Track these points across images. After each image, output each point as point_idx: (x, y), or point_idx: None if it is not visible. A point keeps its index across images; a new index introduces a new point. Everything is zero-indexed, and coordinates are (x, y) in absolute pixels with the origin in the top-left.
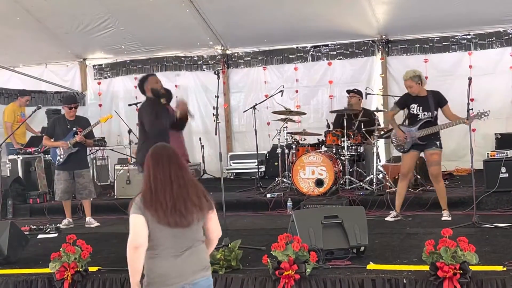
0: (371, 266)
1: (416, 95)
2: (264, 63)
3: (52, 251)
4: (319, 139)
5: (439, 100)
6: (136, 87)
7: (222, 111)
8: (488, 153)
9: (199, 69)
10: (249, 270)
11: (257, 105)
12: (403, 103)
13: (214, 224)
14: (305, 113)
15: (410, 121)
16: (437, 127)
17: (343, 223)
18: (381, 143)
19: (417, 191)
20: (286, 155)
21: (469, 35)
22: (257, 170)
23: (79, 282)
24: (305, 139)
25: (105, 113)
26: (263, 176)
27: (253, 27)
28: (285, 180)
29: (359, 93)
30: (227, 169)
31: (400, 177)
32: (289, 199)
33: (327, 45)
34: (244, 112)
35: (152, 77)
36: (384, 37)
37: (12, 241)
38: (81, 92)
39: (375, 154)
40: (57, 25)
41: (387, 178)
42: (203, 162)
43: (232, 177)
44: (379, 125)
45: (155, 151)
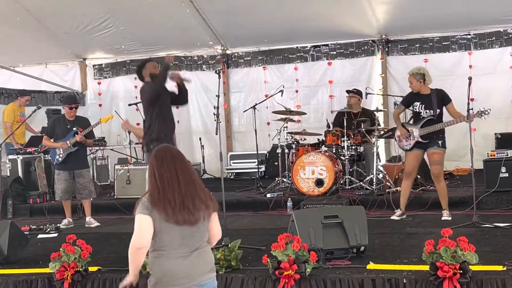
0: (371, 266)
1: (420, 94)
2: (264, 63)
3: (52, 251)
4: (319, 139)
5: (443, 98)
6: (136, 87)
7: (222, 111)
8: (488, 153)
9: (199, 69)
10: (249, 270)
11: (257, 105)
12: (407, 102)
13: (215, 224)
14: (305, 113)
15: (414, 119)
16: (438, 125)
17: (343, 223)
18: (381, 143)
19: (417, 190)
20: (286, 155)
21: (469, 35)
22: (257, 170)
23: (79, 282)
24: (305, 139)
25: (105, 113)
26: (263, 176)
27: (253, 27)
28: (285, 180)
29: (358, 93)
30: (227, 169)
31: (404, 176)
32: (289, 199)
33: (327, 45)
34: (244, 112)
35: (150, 62)
36: (384, 37)
37: (12, 241)
38: (81, 92)
39: (375, 154)
40: (57, 25)
41: (387, 178)
42: (203, 162)
43: (232, 177)
44: (379, 125)
45: (159, 152)
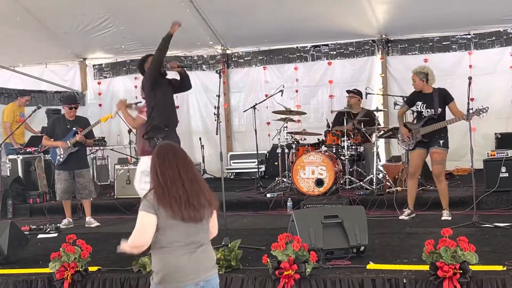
0: (371, 266)
1: (422, 93)
2: (264, 63)
3: (52, 251)
4: (319, 139)
5: (445, 97)
6: (136, 87)
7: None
8: (488, 153)
9: (199, 69)
10: (249, 270)
11: (257, 104)
12: (410, 101)
13: (215, 222)
14: (305, 113)
15: (416, 119)
16: (438, 124)
17: (343, 222)
18: (381, 142)
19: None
20: (286, 155)
21: (469, 34)
22: (257, 169)
23: (79, 282)
24: (305, 139)
25: (105, 113)
26: (263, 175)
27: (253, 27)
28: (285, 179)
29: (358, 93)
30: (227, 169)
31: (408, 176)
32: (289, 198)
33: (327, 45)
34: (244, 112)
35: (152, 57)
36: (384, 36)
37: (12, 241)
38: (81, 92)
39: (375, 153)
40: (57, 25)
41: (387, 177)
42: (203, 161)
43: (232, 177)
44: (379, 124)
45: (160, 149)
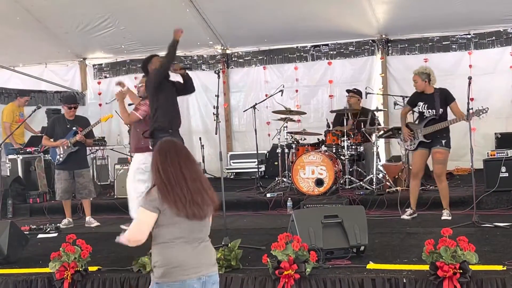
0: (371, 265)
1: (424, 93)
2: (264, 62)
3: (52, 250)
4: (319, 139)
5: (446, 97)
6: (136, 87)
7: (222, 110)
8: (488, 153)
9: (199, 69)
10: (249, 269)
11: (257, 104)
12: (412, 101)
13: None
14: (305, 113)
15: (418, 119)
16: (439, 125)
17: (343, 222)
18: (381, 142)
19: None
20: (286, 155)
21: (469, 34)
22: (257, 169)
23: (79, 281)
24: (305, 139)
25: (105, 112)
26: (263, 175)
27: (253, 26)
28: (285, 179)
29: (358, 93)
30: (227, 169)
31: (411, 176)
32: (289, 198)
33: (327, 45)
34: (244, 111)
35: (156, 57)
36: (384, 36)
37: (12, 240)
38: (81, 91)
39: (375, 153)
40: (57, 24)
41: (387, 177)
42: (203, 161)
43: (232, 177)
44: (379, 124)
45: (162, 146)
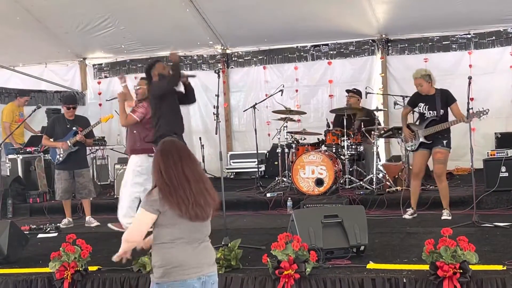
0: (371, 265)
1: (424, 94)
2: (264, 62)
3: (52, 250)
4: (319, 139)
5: (447, 98)
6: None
7: (222, 110)
8: (488, 153)
9: (199, 69)
10: (249, 269)
11: (257, 104)
12: (412, 102)
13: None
14: (305, 113)
15: (419, 120)
16: (440, 126)
17: (343, 222)
18: (381, 142)
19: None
20: (286, 155)
21: (469, 34)
22: (257, 169)
23: (79, 281)
24: (305, 139)
25: (105, 112)
26: (263, 175)
27: (253, 26)
28: (285, 179)
29: (358, 93)
30: (227, 169)
31: (412, 176)
32: (289, 198)
33: (327, 45)
34: (244, 111)
35: (159, 63)
36: (384, 36)
37: (12, 240)
38: (81, 91)
39: (375, 153)
40: (57, 24)
41: (387, 177)
42: (203, 161)
43: (232, 177)
44: (379, 124)
45: (164, 147)
